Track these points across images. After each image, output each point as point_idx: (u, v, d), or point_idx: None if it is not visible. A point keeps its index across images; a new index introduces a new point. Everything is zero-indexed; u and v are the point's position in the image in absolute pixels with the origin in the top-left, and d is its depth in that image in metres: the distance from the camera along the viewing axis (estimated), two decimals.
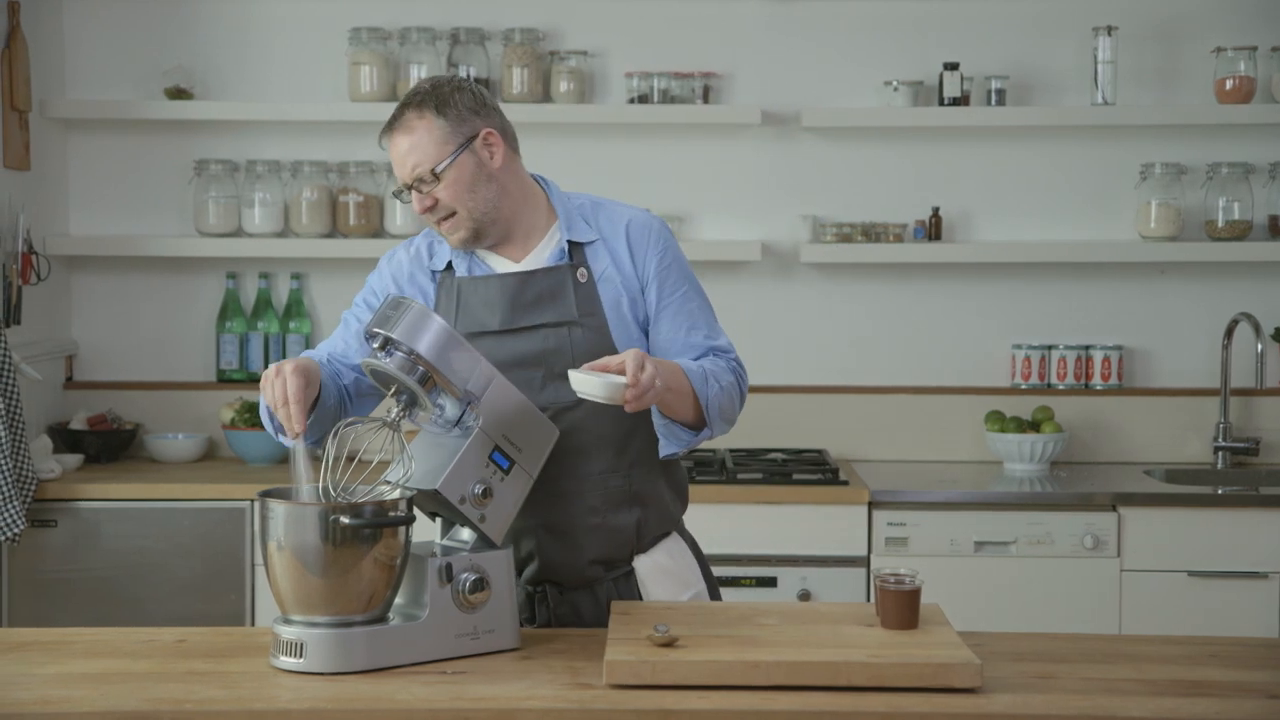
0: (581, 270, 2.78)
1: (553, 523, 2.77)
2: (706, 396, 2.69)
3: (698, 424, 2.72)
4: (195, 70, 4.78)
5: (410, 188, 2.74)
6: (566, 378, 2.63)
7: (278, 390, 2.55)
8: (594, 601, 2.80)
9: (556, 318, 2.76)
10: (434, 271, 2.84)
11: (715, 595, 2.92)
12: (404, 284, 2.85)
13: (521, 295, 2.77)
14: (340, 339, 2.85)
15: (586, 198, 2.87)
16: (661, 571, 2.83)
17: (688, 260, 2.87)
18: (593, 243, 2.80)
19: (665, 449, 2.75)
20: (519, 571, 2.81)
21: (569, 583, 2.80)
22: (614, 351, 2.72)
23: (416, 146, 2.71)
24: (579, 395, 2.55)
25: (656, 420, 2.72)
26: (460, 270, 2.82)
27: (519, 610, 2.73)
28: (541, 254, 2.80)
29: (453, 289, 2.81)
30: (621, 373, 2.52)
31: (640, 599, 2.80)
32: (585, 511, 2.77)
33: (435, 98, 2.73)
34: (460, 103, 2.73)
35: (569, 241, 2.79)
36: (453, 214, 2.74)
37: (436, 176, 2.72)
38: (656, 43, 4.79)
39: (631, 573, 2.82)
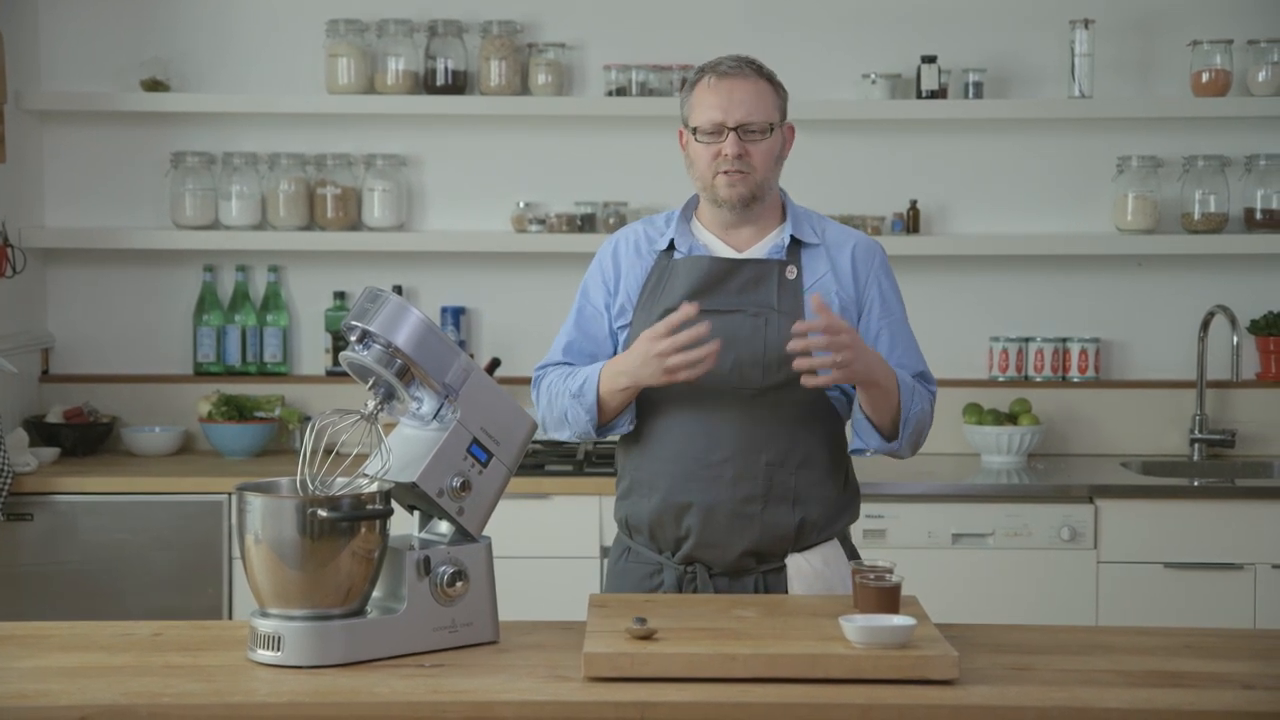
0: (791, 268, 2.88)
1: (714, 504, 2.83)
2: (908, 410, 2.83)
3: (890, 435, 2.83)
4: (172, 62, 4.76)
5: (732, 130, 2.82)
6: (754, 365, 2.81)
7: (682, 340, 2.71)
8: (741, 591, 2.85)
9: (755, 305, 2.85)
10: (656, 254, 2.93)
11: None
12: (624, 269, 2.95)
13: (728, 280, 2.86)
14: (574, 329, 2.97)
15: (813, 211, 3.01)
16: (814, 574, 2.86)
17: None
18: (814, 246, 2.92)
19: (854, 444, 2.89)
20: (673, 550, 2.87)
21: (719, 567, 2.86)
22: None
23: (760, 97, 2.85)
24: (859, 645, 2.40)
25: (855, 414, 2.85)
26: (681, 252, 2.91)
27: (672, 589, 2.84)
28: (762, 248, 2.91)
29: (665, 267, 2.91)
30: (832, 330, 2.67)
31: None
32: (745, 500, 2.83)
33: (769, 75, 2.90)
34: (782, 90, 2.92)
35: (791, 237, 2.90)
36: (749, 170, 2.84)
37: (770, 130, 2.84)
38: (635, 35, 4.78)
39: (783, 569, 2.86)
